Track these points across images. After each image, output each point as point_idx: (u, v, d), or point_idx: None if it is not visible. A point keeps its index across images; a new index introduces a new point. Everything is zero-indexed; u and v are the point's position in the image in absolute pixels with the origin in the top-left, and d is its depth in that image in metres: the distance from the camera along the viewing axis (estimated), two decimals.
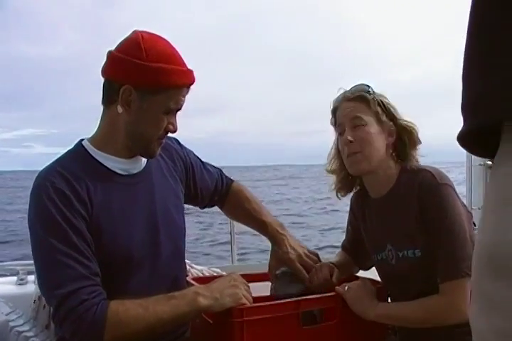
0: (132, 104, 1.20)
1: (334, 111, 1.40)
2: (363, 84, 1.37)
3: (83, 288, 1.10)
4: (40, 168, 1.23)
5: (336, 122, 1.39)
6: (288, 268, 1.45)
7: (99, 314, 1.08)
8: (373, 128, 1.32)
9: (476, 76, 0.47)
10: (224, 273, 1.84)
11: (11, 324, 1.54)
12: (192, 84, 1.25)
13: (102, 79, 1.24)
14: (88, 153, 1.25)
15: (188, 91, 1.26)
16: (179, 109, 1.26)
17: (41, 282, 1.16)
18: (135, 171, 1.30)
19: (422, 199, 1.25)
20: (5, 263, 2.02)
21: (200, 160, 1.55)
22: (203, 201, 1.55)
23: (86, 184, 1.19)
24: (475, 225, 1.30)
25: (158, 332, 1.17)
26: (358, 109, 1.33)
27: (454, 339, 1.24)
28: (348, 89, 1.39)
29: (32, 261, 1.76)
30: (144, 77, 1.17)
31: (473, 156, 3.05)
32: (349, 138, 1.32)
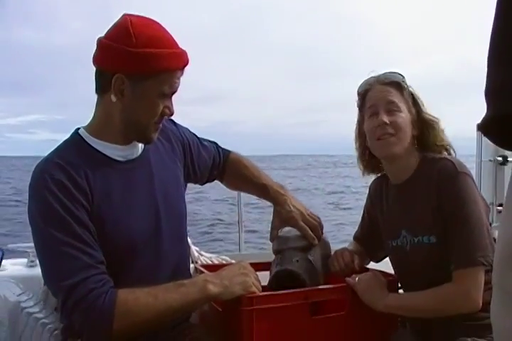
0: (125, 92, 1.18)
1: (364, 94, 1.39)
2: (396, 72, 1.36)
3: (90, 277, 1.09)
4: (45, 154, 1.22)
5: (365, 104, 1.39)
6: (291, 227, 1.46)
7: (108, 302, 1.08)
8: (406, 116, 1.33)
9: (502, 63, 0.46)
10: (233, 261, 1.84)
11: (22, 305, 1.55)
12: (186, 65, 1.22)
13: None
14: (85, 141, 1.24)
15: (182, 73, 1.23)
16: (174, 92, 1.24)
17: (46, 274, 1.15)
18: (133, 157, 1.29)
19: (440, 187, 1.26)
20: (15, 245, 2.03)
21: (196, 136, 1.54)
22: (202, 178, 1.55)
23: (85, 172, 1.18)
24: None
25: (168, 320, 1.17)
26: (394, 95, 1.33)
27: (467, 332, 1.25)
28: (379, 73, 1.38)
29: None
30: (135, 64, 1.15)
31: (483, 152, 3.03)
32: (385, 120, 1.30)
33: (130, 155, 1.28)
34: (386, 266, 1.49)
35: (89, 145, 1.24)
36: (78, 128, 1.28)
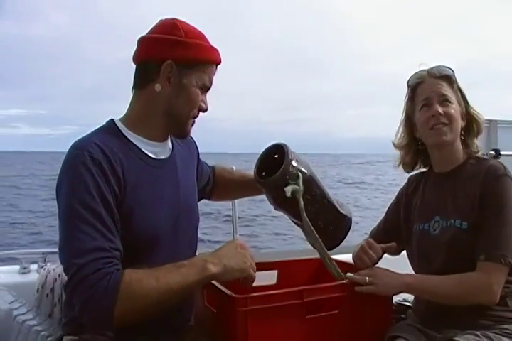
0: (172, 80, 1.24)
1: (415, 87, 1.46)
2: (446, 67, 1.42)
3: (100, 259, 1.08)
4: (28, 149, 1.21)
5: (416, 97, 1.45)
6: None
7: (113, 282, 1.06)
8: (457, 107, 1.40)
9: None
10: None
11: (14, 312, 1.54)
12: (220, 63, 1.31)
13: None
14: (121, 132, 1.26)
15: (215, 72, 1.31)
16: (209, 88, 1.30)
17: (62, 249, 1.13)
18: (163, 156, 1.31)
19: (485, 185, 1.32)
20: (8, 252, 2.02)
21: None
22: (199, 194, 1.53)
23: (120, 160, 1.19)
24: None
25: (168, 302, 1.13)
26: (446, 88, 1.41)
27: (474, 325, 1.27)
28: (430, 67, 1.44)
29: (34, 250, 1.76)
30: (185, 52, 1.23)
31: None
32: (439, 110, 1.38)
33: (161, 154, 1.31)
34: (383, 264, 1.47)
35: (124, 136, 1.25)
36: (112, 119, 1.29)
